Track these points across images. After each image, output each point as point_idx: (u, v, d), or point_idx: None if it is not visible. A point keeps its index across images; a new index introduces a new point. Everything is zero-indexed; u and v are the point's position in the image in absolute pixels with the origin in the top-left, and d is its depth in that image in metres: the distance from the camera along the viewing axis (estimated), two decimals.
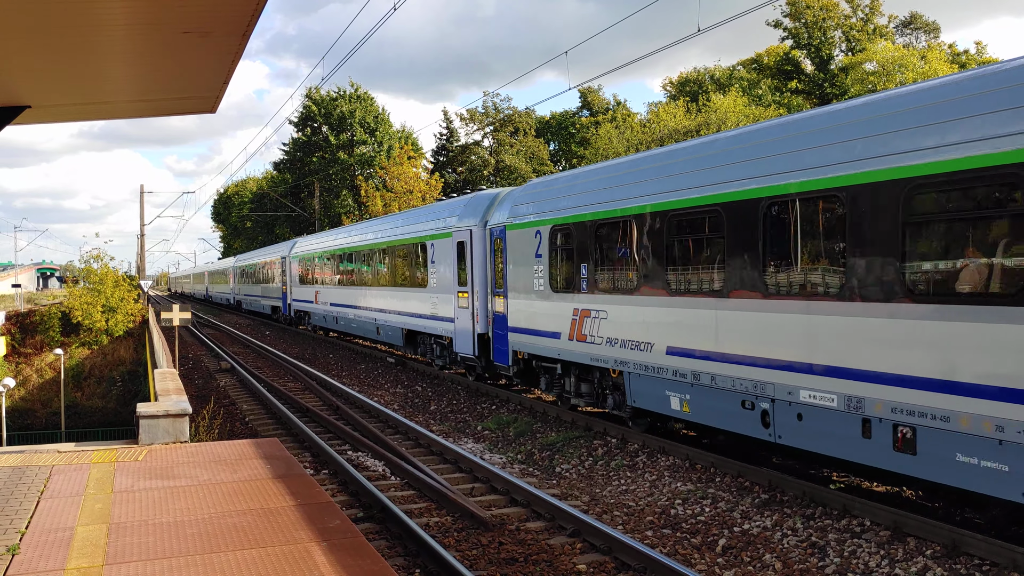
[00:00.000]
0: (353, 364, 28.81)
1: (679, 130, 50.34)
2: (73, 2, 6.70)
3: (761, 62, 66.08)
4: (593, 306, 15.16)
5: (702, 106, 53.67)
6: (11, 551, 6.91)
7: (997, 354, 8.15)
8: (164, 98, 11.25)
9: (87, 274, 50.55)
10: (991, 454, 8.24)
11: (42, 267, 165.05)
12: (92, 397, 44.91)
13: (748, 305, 11.32)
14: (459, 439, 16.27)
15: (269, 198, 76.07)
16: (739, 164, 11.52)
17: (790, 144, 10.73)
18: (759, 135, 11.71)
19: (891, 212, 9.17)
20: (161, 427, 11.36)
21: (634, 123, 58.75)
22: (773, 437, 11.18)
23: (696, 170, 12.45)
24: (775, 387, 10.90)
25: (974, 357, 8.40)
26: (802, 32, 59.94)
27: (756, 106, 54.89)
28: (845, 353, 9.85)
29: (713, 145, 12.71)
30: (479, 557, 9.37)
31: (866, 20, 60.63)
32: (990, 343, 8.22)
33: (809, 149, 10.35)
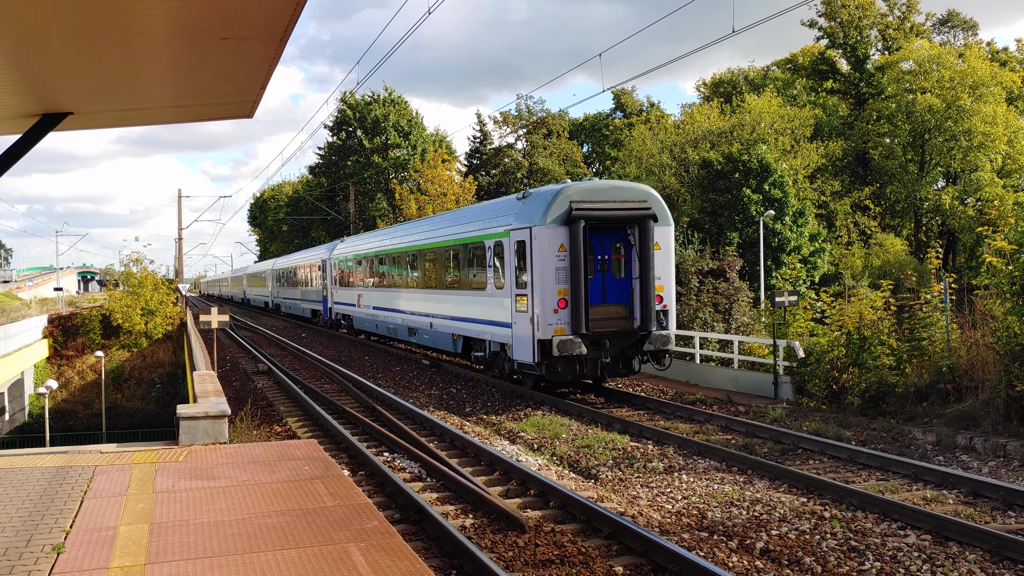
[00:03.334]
0: (388, 366, 28.95)
1: (713, 131, 50.03)
2: (114, 10, 6.81)
3: (796, 62, 65.45)
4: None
5: (736, 107, 53.26)
6: (56, 549, 7.03)
7: (469, 308, 22.72)
8: (202, 103, 11.36)
9: (127, 277, 51.23)
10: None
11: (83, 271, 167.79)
12: (132, 399, 45.56)
13: (437, 297, 26.35)
14: (494, 441, 16.29)
15: (305, 202, 76.68)
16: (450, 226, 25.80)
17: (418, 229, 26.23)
18: (413, 227, 26.70)
19: (473, 255, 22.68)
20: (201, 428, 11.50)
21: (668, 124, 58.44)
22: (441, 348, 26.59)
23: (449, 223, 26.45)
24: (434, 321, 26.41)
25: (470, 310, 22.92)
26: (837, 31, 59.29)
27: (791, 107, 54.35)
28: (452, 310, 24.65)
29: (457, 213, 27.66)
30: (515, 559, 9.38)
31: (903, 18, 59.85)
32: (470, 305, 22.82)
33: (414, 235, 27.04)
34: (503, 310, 20.94)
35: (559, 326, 19.00)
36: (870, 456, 14.06)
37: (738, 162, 43.36)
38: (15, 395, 39.52)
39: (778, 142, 49.64)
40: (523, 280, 19.77)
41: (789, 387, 20.65)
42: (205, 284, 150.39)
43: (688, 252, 38.06)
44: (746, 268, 38.62)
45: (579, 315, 18.86)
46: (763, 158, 43.25)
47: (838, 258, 49.13)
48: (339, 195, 70.06)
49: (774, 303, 21.66)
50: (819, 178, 52.46)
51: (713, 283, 33.92)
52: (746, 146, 45.71)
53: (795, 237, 42.71)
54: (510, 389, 21.92)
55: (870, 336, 19.44)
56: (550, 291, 19.00)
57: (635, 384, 23.74)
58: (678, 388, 22.94)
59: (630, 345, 19.92)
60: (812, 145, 51.25)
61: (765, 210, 40.01)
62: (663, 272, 20.02)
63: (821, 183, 52.24)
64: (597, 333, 19.20)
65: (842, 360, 19.59)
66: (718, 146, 48.08)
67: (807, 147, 50.88)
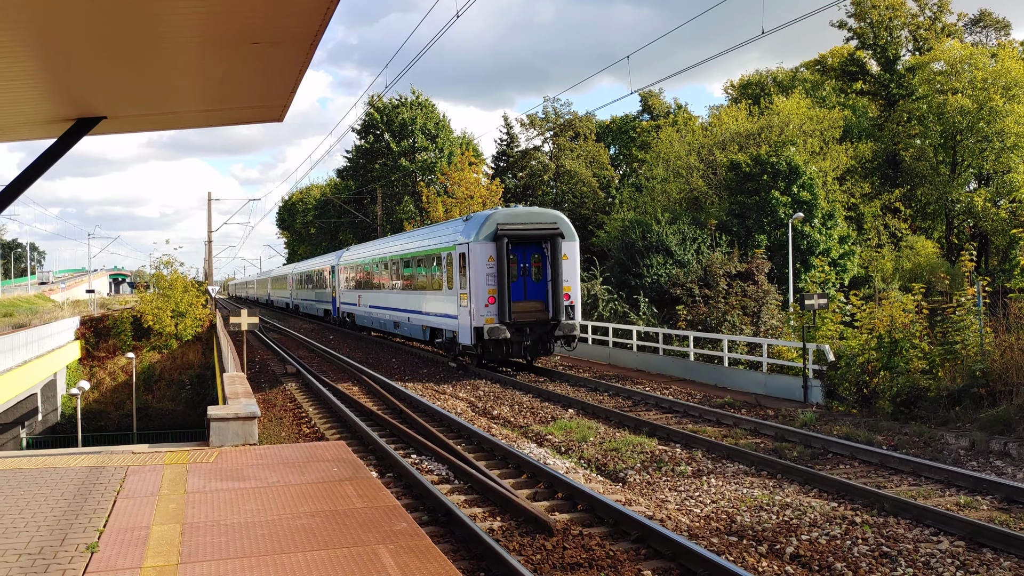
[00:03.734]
0: (416, 368, 29.04)
1: (741, 133, 49.75)
2: (147, 16, 6.88)
3: (825, 63, 64.94)
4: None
5: (764, 109, 52.93)
6: (90, 549, 7.11)
7: (432, 305, 29.16)
8: (233, 107, 11.46)
9: (157, 280, 51.76)
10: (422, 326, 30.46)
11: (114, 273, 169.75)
12: (162, 400, 46.01)
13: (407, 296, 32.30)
14: (521, 444, 16.28)
15: (333, 205, 77.12)
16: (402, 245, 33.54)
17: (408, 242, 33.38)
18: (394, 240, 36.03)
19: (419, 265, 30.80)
20: (231, 429, 11.59)
21: (695, 126, 58.20)
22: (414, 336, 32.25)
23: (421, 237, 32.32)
24: (410, 318, 31.74)
25: (432, 306, 29.06)
26: (867, 32, 58.75)
27: (820, 108, 53.92)
28: (417, 306, 30.77)
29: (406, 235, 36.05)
30: (543, 562, 9.37)
31: (934, 18, 59.20)
32: (420, 303, 30.42)
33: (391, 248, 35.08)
34: (453, 306, 26.93)
35: (489, 316, 24.95)
36: (902, 461, 13.90)
37: (766, 164, 43.10)
38: (48, 396, 40.04)
39: (807, 144, 49.29)
40: (464, 282, 25.69)
41: (819, 391, 20.48)
42: (233, 287, 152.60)
43: (716, 255, 37.86)
44: (774, 271, 38.36)
45: (504, 308, 24.83)
46: (791, 160, 42.96)
47: (868, 261, 48.68)
48: (367, 198, 70.39)
49: (803, 306, 21.50)
50: (848, 180, 52.01)
51: (741, 286, 33.72)
52: (774, 148, 45.43)
53: (824, 240, 42.37)
54: (539, 391, 22.85)
55: (901, 339, 19.24)
56: (482, 290, 24.97)
57: (663, 387, 23.66)
58: (706, 391, 22.82)
59: (545, 332, 25.74)
60: (841, 147, 50.83)
61: (794, 212, 39.73)
62: (570, 276, 25.70)
63: (851, 185, 51.79)
64: (519, 322, 25.23)
65: (873, 364, 19.41)
66: (746, 148, 47.82)
67: (836, 149, 50.47)
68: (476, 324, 25.07)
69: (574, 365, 29.66)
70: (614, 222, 51.48)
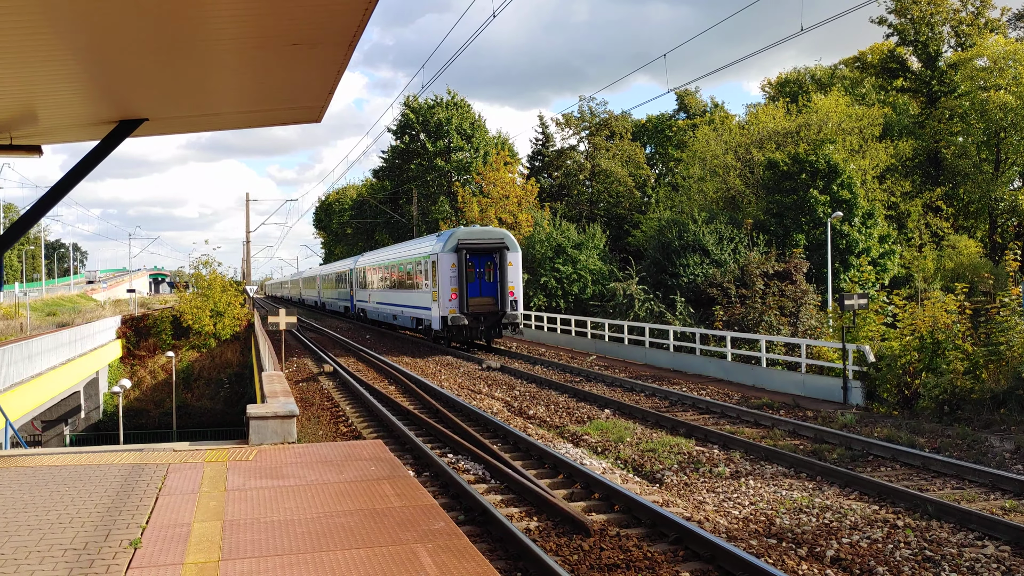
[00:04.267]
0: (451, 369, 29.12)
1: (779, 131, 49.26)
2: (189, 19, 6.96)
3: (864, 60, 64.08)
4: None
5: (802, 107, 52.37)
6: (133, 545, 7.21)
7: (415, 301, 36.92)
8: (272, 109, 11.57)
9: (196, 279, 52.39)
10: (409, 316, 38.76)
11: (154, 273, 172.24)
12: (201, 398, 46.58)
13: (397, 293, 40.93)
14: (557, 444, 16.25)
15: (369, 205, 77.55)
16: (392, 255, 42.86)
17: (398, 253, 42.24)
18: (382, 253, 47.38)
19: (408, 270, 38.34)
20: (270, 428, 11.69)
21: (732, 125, 57.73)
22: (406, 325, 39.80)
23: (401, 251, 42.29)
24: (403, 310, 39.45)
25: (416, 301, 36.72)
26: (908, 28, 57.88)
27: (859, 106, 53.23)
28: (406, 301, 38.70)
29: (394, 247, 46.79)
30: (580, 562, 9.34)
31: (976, 14, 58.15)
32: (409, 299, 38.23)
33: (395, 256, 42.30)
34: (429, 300, 34.58)
35: (452, 308, 32.97)
36: (945, 464, 13.68)
37: (804, 163, 42.64)
38: (90, 393, 40.71)
39: (846, 142, 48.68)
40: (435, 283, 33.62)
41: (859, 392, 20.22)
42: (269, 286, 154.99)
43: (753, 254, 37.53)
44: (812, 271, 37.93)
45: (463, 303, 32.98)
46: (830, 158, 42.46)
47: (909, 260, 47.97)
48: (402, 198, 70.69)
49: (843, 306, 21.24)
50: (889, 178, 51.29)
51: (779, 286, 33.38)
52: (813, 146, 44.92)
53: (864, 239, 41.83)
54: (575, 391, 22.74)
55: (944, 340, 18.94)
56: (447, 289, 33.04)
57: (699, 387, 23.51)
58: (743, 392, 22.63)
59: (496, 320, 33.36)
60: (881, 145, 50.13)
61: (832, 211, 39.25)
62: (514, 279, 33.50)
63: (891, 184, 51.07)
64: (475, 313, 33.12)
65: (915, 365, 19.13)
66: (784, 147, 47.34)
67: (876, 147, 49.79)
68: (443, 314, 33.15)
69: (610, 365, 29.57)
70: (650, 222, 51.24)
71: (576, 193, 69.08)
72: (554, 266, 47.26)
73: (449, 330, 33.20)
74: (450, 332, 33.38)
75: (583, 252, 47.99)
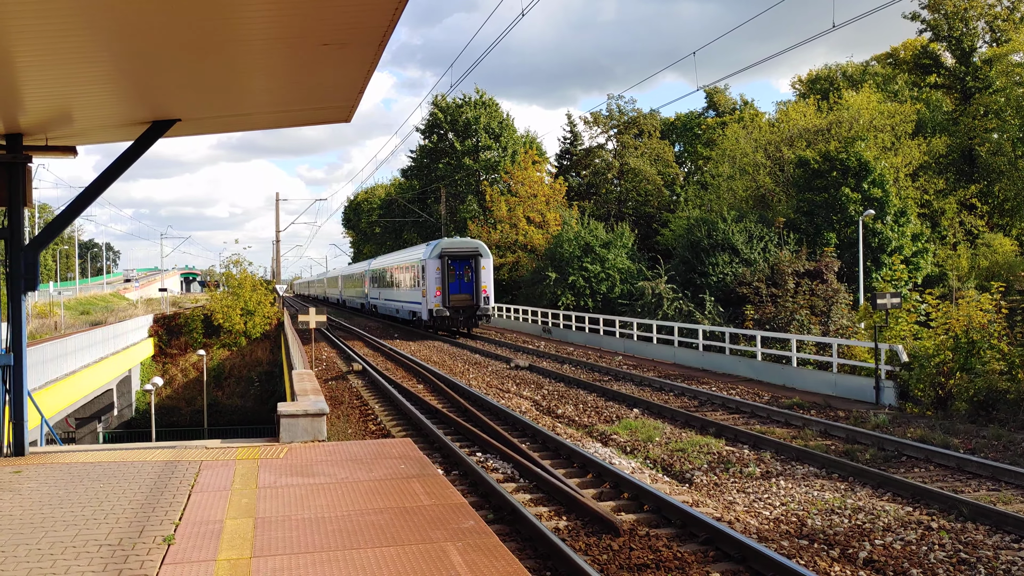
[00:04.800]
0: (480, 368, 29.16)
1: (810, 129, 48.82)
2: (220, 20, 7.02)
3: (897, 57, 63.32)
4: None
5: (833, 104, 51.84)
6: (167, 541, 7.28)
7: (410, 297, 45.31)
8: (302, 108, 11.64)
9: (227, 279, 52.85)
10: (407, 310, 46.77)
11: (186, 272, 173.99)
12: (232, 396, 47.01)
13: (399, 291, 48.82)
14: (586, 443, 16.22)
15: (397, 204, 77.85)
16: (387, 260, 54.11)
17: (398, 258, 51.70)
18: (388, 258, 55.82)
19: (407, 272, 46.20)
20: (300, 426, 11.77)
21: (762, 123, 57.29)
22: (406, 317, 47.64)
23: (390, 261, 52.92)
24: (403, 305, 47.98)
25: (411, 298, 44.99)
26: (941, 24, 57.10)
27: (892, 102, 52.60)
28: (404, 298, 47.01)
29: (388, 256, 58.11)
30: (609, 562, 9.31)
31: (1012, 8, 57.23)
32: (406, 296, 46.77)
33: (396, 260, 51.05)
34: (420, 296, 42.33)
35: (437, 303, 40.61)
36: (980, 465, 13.49)
37: (836, 160, 42.23)
38: (123, 391, 41.22)
39: (877, 139, 48.13)
40: (425, 282, 41.26)
41: (892, 392, 20.00)
42: (297, 286, 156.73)
43: (783, 253, 37.24)
44: (844, 269, 37.56)
45: (446, 298, 40.58)
46: (862, 156, 42.00)
47: (943, 259, 47.35)
48: (430, 197, 70.87)
49: (875, 305, 21.02)
50: (922, 176, 50.64)
51: (810, 285, 33.08)
52: (844, 144, 44.46)
53: (896, 237, 41.35)
54: (604, 390, 22.57)
55: (979, 340, 18.68)
56: (434, 288, 40.59)
57: (729, 387, 23.36)
58: (774, 392, 22.46)
59: (471, 313, 41.26)
60: (914, 142, 49.51)
61: (864, 209, 38.85)
62: (486, 280, 40.88)
63: (924, 181, 50.42)
64: (455, 307, 41.02)
65: (949, 365, 18.88)
66: (814, 144, 46.90)
67: (908, 144, 49.19)
68: (430, 308, 40.99)
69: (638, 364, 29.47)
70: (679, 220, 50.99)
71: (604, 192, 68.88)
72: (582, 265, 47.18)
73: (435, 320, 41.31)
74: (436, 322, 41.54)
75: (611, 251, 47.86)
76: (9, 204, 10.68)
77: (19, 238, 10.69)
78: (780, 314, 31.31)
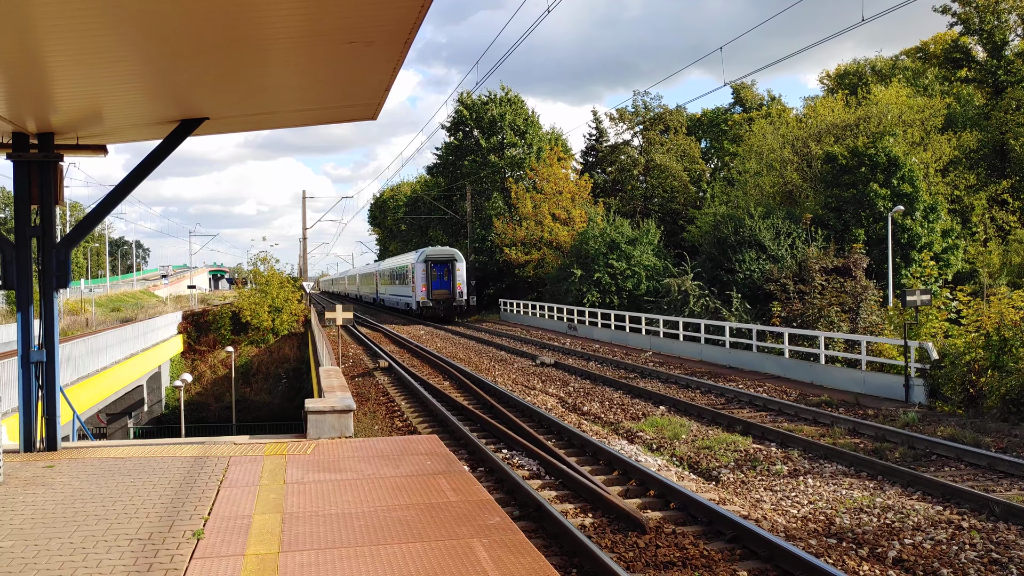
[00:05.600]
0: (505, 365, 29.19)
1: (838, 124, 48.36)
2: (247, 19, 7.07)
3: (927, 51, 62.54)
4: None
5: (862, 99, 51.29)
6: (196, 535, 7.36)
7: (404, 292, 60.97)
8: (328, 106, 11.69)
9: (254, 276, 53.21)
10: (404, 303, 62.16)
11: (214, 269, 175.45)
12: (260, 392, 47.35)
13: (398, 287, 63.99)
14: (612, 440, 16.19)
15: (423, 201, 78.05)
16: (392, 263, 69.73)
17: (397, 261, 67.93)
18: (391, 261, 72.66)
19: (403, 272, 61.29)
20: (328, 423, 11.84)
21: (789, 118, 56.81)
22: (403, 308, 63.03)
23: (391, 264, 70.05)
24: (400, 299, 63.46)
25: (404, 292, 60.61)
26: (972, 17, 56.28)
27: (921, 97, 51.96)
28: (401, 293, 62.35)
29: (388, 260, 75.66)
30: (635, 559, 9.29)
31: None
32: (401, 291, 62.29)
33: (396, 263, 67.52)
34: (412, 291, 55.05)
35: (423, 297, 53.19)
36: (1012, 464, 13.32)
37: (864, 156, 41.80)
38: (153, 387, 41.64)
39: (907, 134, 47.58)
40: (414, 280, 54.21)
41: (922, 390, 19.79)
42: (323, 283, 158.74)
43: (811, 250, 36.94)
44: (873, 266, 37.19)
45: (429, 293, 53.27)
46: (891, 151, 41.54)
47: (974, 255, 46.71)
48: (456, 194, 70.97)
49: (905, 302, 20.80)
50: (952, 171, 50.00)
51: (839, 281, 32.79)
52: (872, 139, 43.99)
53: (926, 233, 40.86)
54: (630, 388, 22.51)
55: (1011, 337, 18.43)
56: (420, 285, 53.24)
57: (756, 384, 23.22)
58: (802, 389, 22.30)
59: (450, 305, 53.31)
60: (944, 137, 48.89)
61: (894, 205, 38.43)
62: (460, 279, 53.47)
63: (954, 177, 49.78)
64: (437, 300, 53.37)
65: (980, 362, 18.65)
66: (842, 140, 46.45)
67: (938, 139, 48.58)
68: (418, 300, 54.21)
69: (665, 362, 29.37)
70: (705, 217, 50.68)
71: (630, 188, 68.63)
72: (608, 262, 47.04)
73: (421, 310, 54.60)
74: (422, 311, 54.65)
75: (637, 248, 47.68)
76: (41, 202, 10.82)
77: (51, 236, 10.83)
78: (808, 311, 31.05)
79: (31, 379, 10.88)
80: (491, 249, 63.33)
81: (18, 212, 10.82)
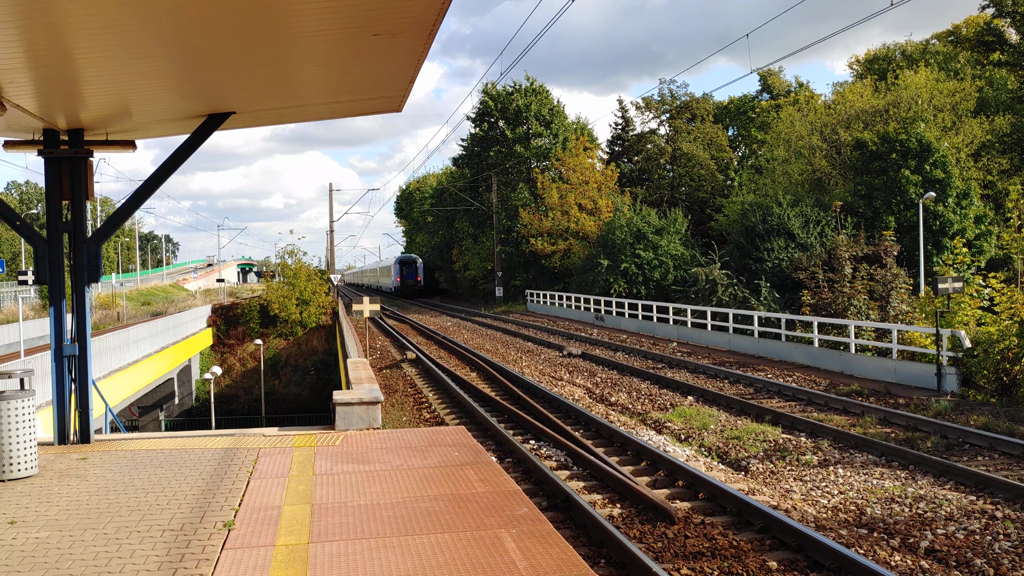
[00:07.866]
0: (532, 356, 29.20)
1: (867, 110, 47.80)
2: (273, 13, 7.09)
3: (958, 34, 61.58)
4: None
5: (892, 84, 50.63)
6: (227, 526, 7.43)
7: (389, 280, 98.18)
8: (354, 99, 11.71)
9: (282, 269, 53.56)
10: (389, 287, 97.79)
11: (242, 263, 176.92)
12: (288, 385, 47.73)
13: (384, 278, 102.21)
14: (640, 431, 16.15)
15: (448, 193, 78.15)
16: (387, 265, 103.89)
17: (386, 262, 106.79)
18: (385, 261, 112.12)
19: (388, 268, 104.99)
20: (355, 414, 11.90)
21: (817, 105, 56.22)
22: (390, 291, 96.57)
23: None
24: (389, 285, 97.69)
25: (389, 280, 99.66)
26: None
27: (952, 80, 51.18)
28: (389, 282, 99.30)
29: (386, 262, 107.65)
30: (664, 550, 9.27)
31: None
32: (389, 279, 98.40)
33: (385, 263, 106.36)
34: (390, 280, 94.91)
35: (397, 284, 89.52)
36: None
37: (895, 142, 41.29)
38: (183, 380, 42.10)
39: (938, 119, 46.92)
40: (391, 274, 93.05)
41: (954, 379, 19.56)
42: (348, 276, 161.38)
43: (841, 237, 36.59)
44: (903, 253, 36.78)
45: (401, 281, 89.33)
46: (922, 137, 40.99)
47: (1007, 242, 46.02)
48: (482, 186, 70.97)
49: (937, 290, 20.56)
50: (985, 156, 49.25)
51: (868, 269, 32.47)
52: (903, 125, 43.44)
53: (959, 220, 40.30)
54: (657, 378, 22.50)
55: None
56: (395, 276, 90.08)
57: (785, 374, 23.06)
58: (831, 379, 22.12)
59: (416, 289, 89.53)
60: (976, 121, 48.16)
61: (925, 192, 37.95)
62: (420, 273, 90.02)
63: (987, 161, 49.04)
64: (405, 285, 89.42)
65: (1014, 351, 18.40)
66: (872, 126, 45.91)
67: (971, 123, 47.86)
68: (394, 285, 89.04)
69: (692, 352, 29.25)
70: (733, 205, 50.33)
71: (657, 177, 68.26)
72: (635, 252, 46.87)
73: (396, 291, 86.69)
74: (397, 292, 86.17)
75: (664, 237, 47.46)
76: (72, 198, 10.93)
77: (82, 231, 10.95)
78: (837, 300, 30.78)
79: (64, 373, 11.02)
80: (517, 240, 63.26)
81: (50, 208, 10.95)
